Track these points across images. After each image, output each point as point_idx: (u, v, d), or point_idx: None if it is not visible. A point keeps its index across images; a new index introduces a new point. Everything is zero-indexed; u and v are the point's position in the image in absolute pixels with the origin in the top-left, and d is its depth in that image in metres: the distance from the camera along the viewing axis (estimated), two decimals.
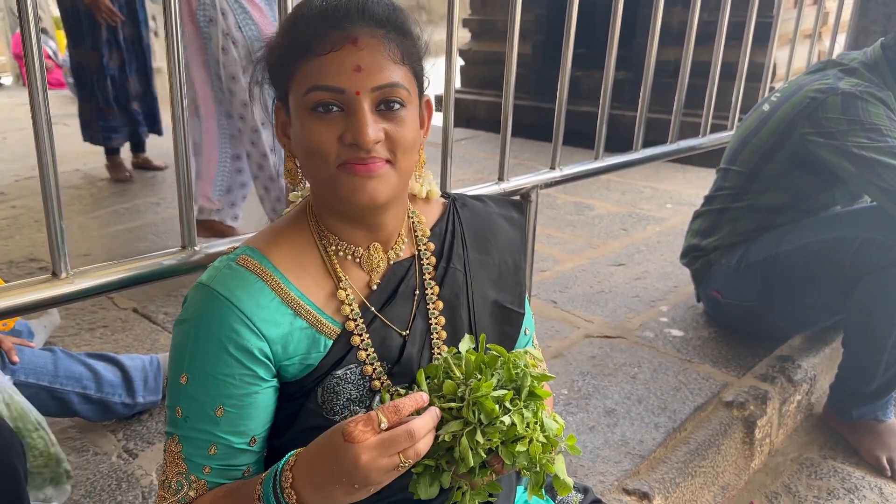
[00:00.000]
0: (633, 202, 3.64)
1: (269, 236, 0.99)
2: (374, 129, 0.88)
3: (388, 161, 0.91)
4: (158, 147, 4.30)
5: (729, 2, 2.37)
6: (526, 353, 0.95)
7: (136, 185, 4.10)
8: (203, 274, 0.96)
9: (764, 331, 2.30)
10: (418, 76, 0.97)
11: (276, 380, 0.95)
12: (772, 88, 4.19)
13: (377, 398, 0.98)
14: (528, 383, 0.89)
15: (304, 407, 0.96)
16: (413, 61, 0.94)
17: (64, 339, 2.39)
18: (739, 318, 2.30)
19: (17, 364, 1.72)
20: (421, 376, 0.93)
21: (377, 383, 0.98)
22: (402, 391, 0.98)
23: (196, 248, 1.28)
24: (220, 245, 1.30)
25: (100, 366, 1.87)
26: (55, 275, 1.15)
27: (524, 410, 0.87)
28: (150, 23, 4.31)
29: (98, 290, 1.17)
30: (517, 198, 1.91)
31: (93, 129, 4.12)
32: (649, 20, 2.11)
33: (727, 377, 2.12)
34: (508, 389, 0.88)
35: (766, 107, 2.18)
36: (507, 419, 0.84)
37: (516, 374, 0.90)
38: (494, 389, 0.87)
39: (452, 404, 0.87)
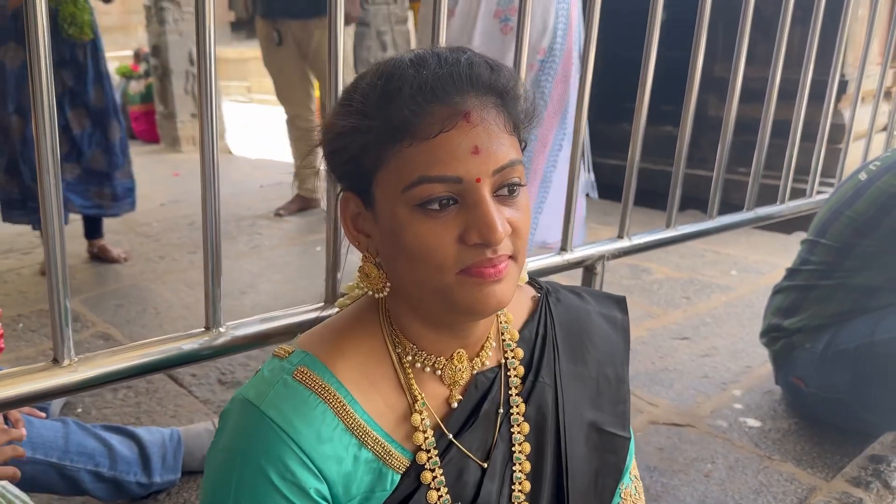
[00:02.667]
0: (694, 267, 3.40)
1: (333, 340, 0.81)
2: (501, 220, 0.71)
3: (510, 257, 0.74)
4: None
5: (812, 58, 2.18)
6: None
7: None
8: (249, 385, 0.77)
9: (852, 424, 2.04)
10: (522, 144, 0.79)
11: None
12: (836, 149, 3.96)
13: None
14: None
15: None
16: (520, 129, 0.78)
17: (84, 400, 2.23)
18: (824, 410, 2.04)
19: (23, 439, 1.56)
20: None
21: None
22: None
23: (221, 330, 1.11)
24: (248, 326, 1.13)
25: (115, 440, 1.71)
26: (56, 361, 0.98)
27: None
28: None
29: (105, 379, 1.00)
30: (582, 269, 1.72)
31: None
32: (710, 75, 1.93)
33: (814, 479, 1.86)
34: None
35: (862, 175, 1.96)
36: None
37: None
38: None
39: None
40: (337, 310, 0.90)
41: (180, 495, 1.79)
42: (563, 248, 1.65)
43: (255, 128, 9.01)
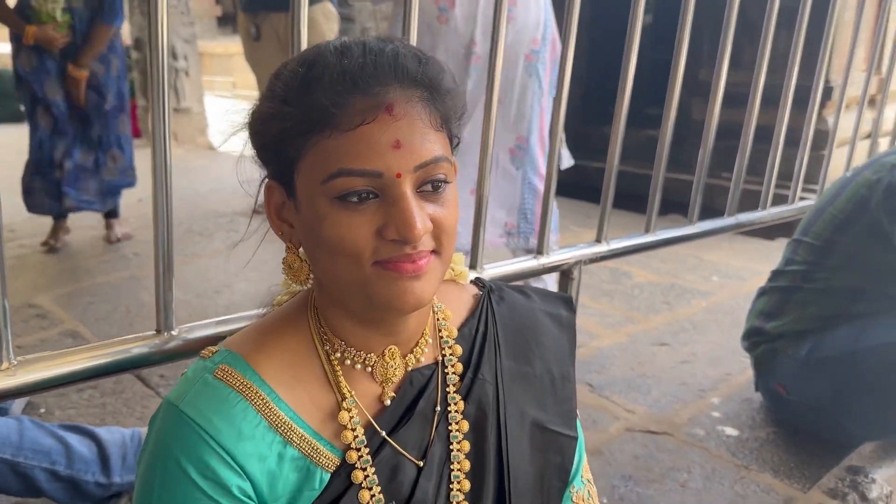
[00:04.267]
0: (675, 272, 3.37)
1: (258, 338, 0.78)
2: (421, 217, 0.68)
3: (433, 252, 0.72)
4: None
5: (797, 64, 2.15)
6: None
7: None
8: (174, 388, 0.75)
9: (831, 434, 2.01)
10: (452, 140, 0.76)
11: None
12: (820, 156, 3.95)
13: None
14: None
15: None
16: (449, 123, 0.74)
17: (48, 400, 2.17)
18: (805, 417, 2.02)
19: None
20: None
21: None
22: None
23: (173, 333, 1.06)
24: (203, 329, 1.08)
25: (73, 438, 1.65)
26: None
27: None
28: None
29: (46, 384, 0.95)
30: (557, 274, 1.68)
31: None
32: (689, 78, 1.89)
33: (790, 490, 1.84)
34: None
35: (848, 173, 1.95)
36: None
37: None
38: None
39: None
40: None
41: None
42: (540, 252, 1.61)
43: (239, 123, 8.93)
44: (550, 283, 2.40)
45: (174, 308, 1.06)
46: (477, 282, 0.95)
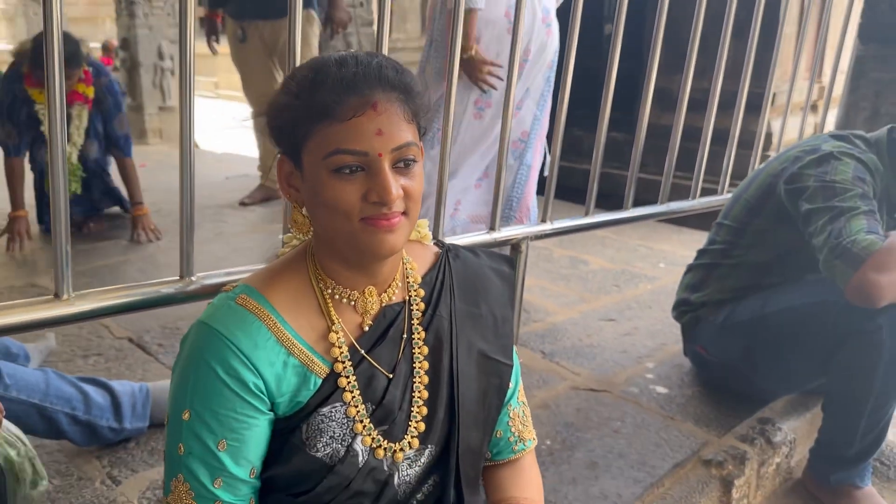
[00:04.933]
0: (627, 260, 3.70)
1: (268, 277, 1.05)
2: (395, 186, 0.94)
3: (403, 213, 0.97)
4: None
5: (722, 70, 2.47)
6: None
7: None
8: (203, 312, 1.01)
9: (747, 390, 2.33)
10: (421, 130, 1.04)
11: (271, 413, 1.00)
12: (766, 156, 4.30)
13: (359, 439, 1.03)
14: None
15: (288, 441, 1.01)
16: (419, 118, 1.01)
17: (58, 364, 2.42)
18: (723, 375, 2.33)
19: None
20: None
21: (359, 426, 1.02)
22: (382, 439, 1.04)
23: (193, 279, 1.33)
24: (216, 276, 1.36)
25: (90, 388, 1.90)
26: (57, 296, 1.20)
27: None
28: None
29: (97, 313, 1.22)
30: (508, 248, 1.97)
31: None
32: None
33: (707, 436, 2.15)
34: None
35: (761, 164, 2.26)
36: None
37: None
38: None
39: None
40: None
41: (148, 443, 1.99)
42: (492, 228, 1.90)
43: (222, 122, 9.13)
44: None
45: (194, 258, 1.33)
46: (438, 243, 1.22)
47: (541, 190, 2.88)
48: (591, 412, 2.22)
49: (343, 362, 1.01)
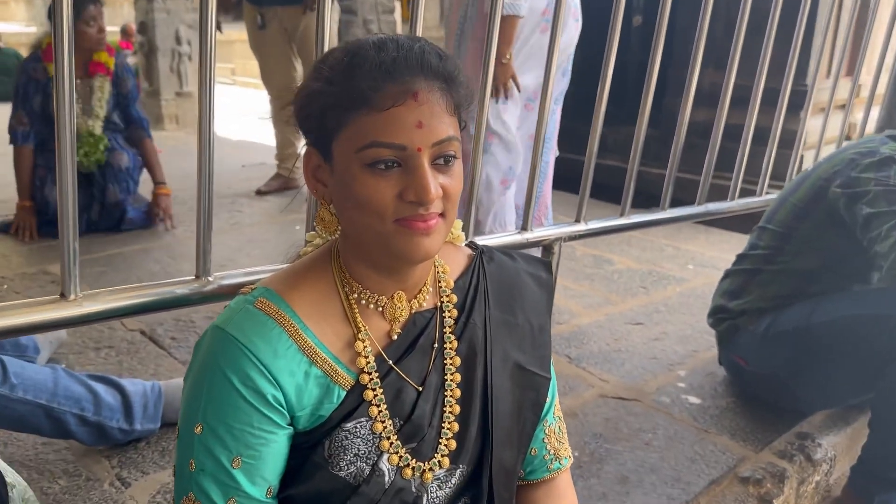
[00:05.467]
0: (653, 260, 3.58)
1: (290, 279, 0.96)
2: (434, 185, 0.86)
3: (440, 215, 0.89)
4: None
5: (766, 67, 2.35)
6: None
7: None
8: (219, 316, 0.92)
9: (785, 403, 2.22)
10: (461, 123, 0.94)
11: (291, 427, 0.91)
12: (802, 156, 4.16)
13: (385, 457, 0.94)
14: None
15: (309, 459, 0.92)
16: (460, 110, 0.92)
17: (68, 357, 2.35)
18: (761, 387, 2.22)
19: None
20: None
21: (386, 443, 0.94)
22: (410, 457, 0.95)
23: (210, 279, 1.24)
24: (234, 277, 1.27)
25: (100, 388, 1.83)
26: (63, 296, 1.11)
27: None
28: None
29: (106, 314, 1.14)
30: (539, 249, 1.87)
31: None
32: (678, 80, 2.09)
33: (744, 451, 2.04)
34: None
35: (809, 167, 2.15)
36: None
37: None
38: None
39: None
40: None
41: (159, 444, 1.92)
42: (524, 228, 1.80)
43: (239, 110, 9.05)
44: None
45: (211, 258, 1.24)
46: (471, 244, 1.13)
47: (570, 188, 2.78)
48: (620, 422, 2.12)
49: (369, 373, 0.93)
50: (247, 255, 3.38)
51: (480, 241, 1.68)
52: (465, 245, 1.13)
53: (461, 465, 1.02)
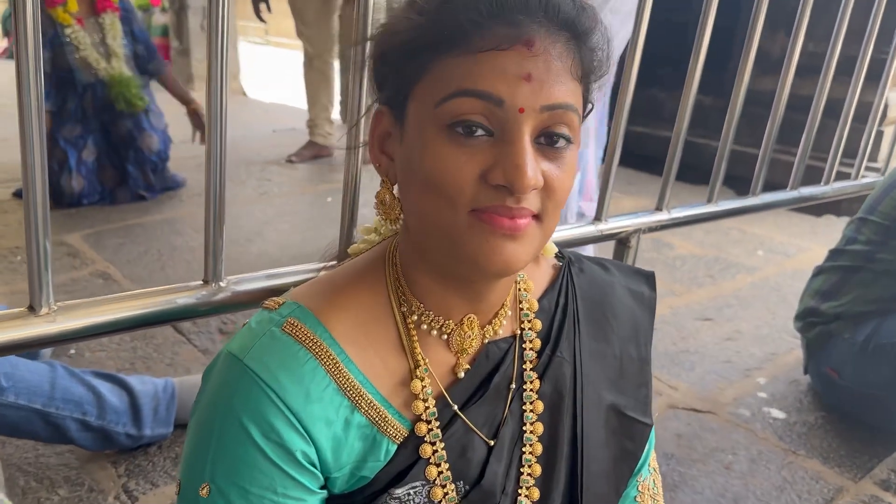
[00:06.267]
0: (718, 244, 3.26)
1: (330, 292, 0.72)
2: (533, 167, 0.60)
3: (535, 216, 0.63)
4: None
5: (875, 32, 2.00)
6: None
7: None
8: (235, 338, 0.69)
9: (883, 423, 1.93)
10: (587, 101, 0.68)
11: (324, 491, 0.69)
12: (880, 132, 3.78)
13: None
14: None
15: None
16: (589, 80, 0.67)
17: (77, 344, 2.14)
18: (856, 404, 1.93)
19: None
20: None
21: None
22: None
23: (222, 284, 0.99)
24: (254, 281, 1.01)
25: (105, 388, 1.61)
26: (32, 309, 0.86)
27: None
28: None
29: (86, 332, 0.89)
30: (615, 241, 1.59)
31: None
32: (742, 45, 1.76)
33: (841, 479, 1.76)
34: None
35: None
36: None
37: None
38: None
39: None
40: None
41: (171, 449, 1.71)
42: (597, 218, 1.52)
43: (271, 70, 8.80)
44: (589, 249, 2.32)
45: (223, 258, 0.99)
46: (557, 254, 0.88)
47: (632, 163, 2.46)
48: (694, 440, 1.85)
49: (429, 422, 0.71)
50: (275, 228, 3.15)
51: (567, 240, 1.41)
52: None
53: None
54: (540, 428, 0.78)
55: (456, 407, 0.73)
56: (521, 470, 0.77)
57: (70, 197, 3.26)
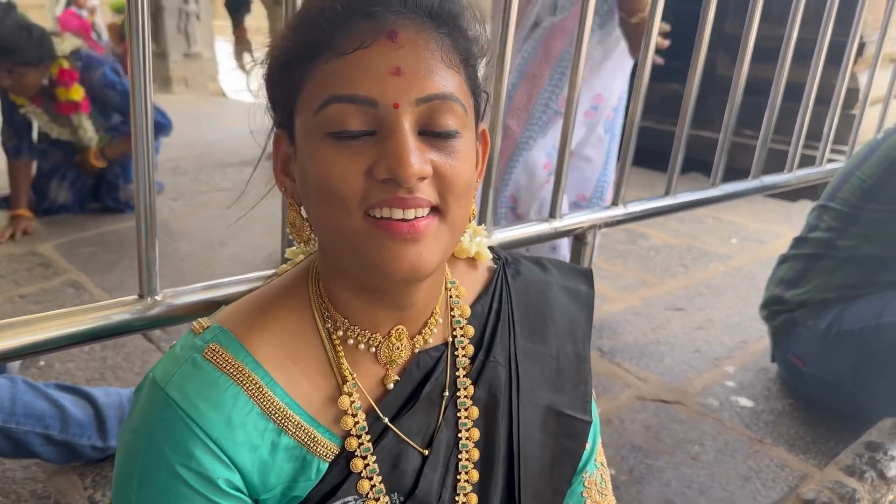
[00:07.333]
0: (692, 233, 3.27)
1: (253, 314, 0.71)
2: (418, 157, 0.60)
3: (435, 208, 0.63)
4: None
5: (832, 16, 2.01)
6: None
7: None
8: (160, 361, 0.69)
9: (848, 409, 1.94)
10: (475, 92, 0.68)
11: None
12: (848, 115, 3.78)
13: None
14: None
15: None
16: (471, 70, 0.66)
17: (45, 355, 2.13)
18: (822, 391, 1.94)
19: None
20: None
21: None
22: None
23: (158, 298, 0.99)
24: (189, 294, 1.01)
25: (68, 401, 1.60)
26: None
27: None
28: None
29: (18, 352, 0.89)
30: (572, 238, 1.59)
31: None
32: (720, 32, 1.76)
33: (806, 466, 1.77)
34: None
35: (879, 135, 1.83)
36: None
37: None
38: None
39: None
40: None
41: None
42: (552, 216, 1.52)
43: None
44: (564, 246, 2.32)
45: (158, 270, 0.98)
46: (491, 251, 0.87)
47: None
48: (662, 431, 1.86)
49: (359, 436, 0.71)
50: (249, 230, 3.14)
51: (499, 234, 1.41)
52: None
53: None
54: (476, 434, 0.78)
55: (387, 419, 0.73)
56: (459, 477, 0.77)
57: (50, 204, 3.26)
